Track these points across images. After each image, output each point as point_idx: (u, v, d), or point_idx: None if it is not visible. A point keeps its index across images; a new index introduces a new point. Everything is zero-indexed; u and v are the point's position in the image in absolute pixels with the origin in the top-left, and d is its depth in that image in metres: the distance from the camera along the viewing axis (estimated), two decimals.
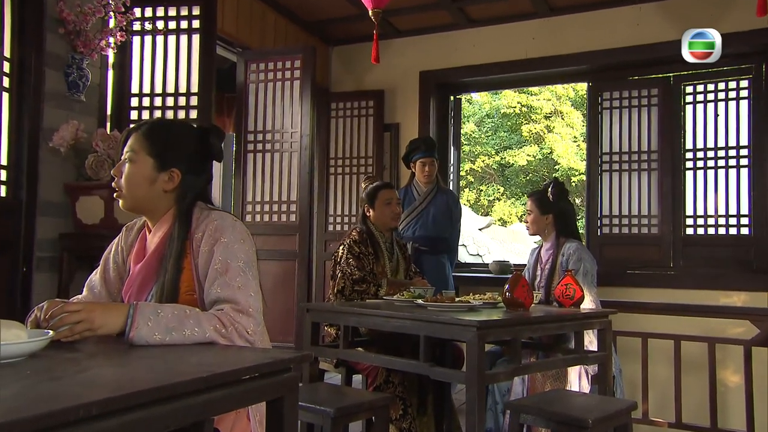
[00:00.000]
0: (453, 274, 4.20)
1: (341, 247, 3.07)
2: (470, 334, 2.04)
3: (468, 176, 15.51)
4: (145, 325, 1.27)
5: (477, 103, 15.47)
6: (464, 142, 14.67)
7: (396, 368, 2.56)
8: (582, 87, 12.98)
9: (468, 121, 14.84)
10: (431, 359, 2.25)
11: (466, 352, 2.07)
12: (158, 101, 3.42)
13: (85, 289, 1.65)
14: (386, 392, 2.67)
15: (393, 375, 2.71)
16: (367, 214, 3.17)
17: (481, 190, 15.70)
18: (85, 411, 0.77)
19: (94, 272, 1.66)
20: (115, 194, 1.58)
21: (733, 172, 4.30)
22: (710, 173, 4.38)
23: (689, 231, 4.42)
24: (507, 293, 2.41)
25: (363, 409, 2.22)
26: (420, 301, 2.52)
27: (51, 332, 1.17)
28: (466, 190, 15.50)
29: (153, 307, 1.31)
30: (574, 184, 13.99)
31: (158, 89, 3.45)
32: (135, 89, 3.44)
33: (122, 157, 1.57)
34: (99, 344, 1.28)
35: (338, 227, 5.28)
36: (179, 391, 0.93)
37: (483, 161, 15.34)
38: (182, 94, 3.42)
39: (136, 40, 3.45)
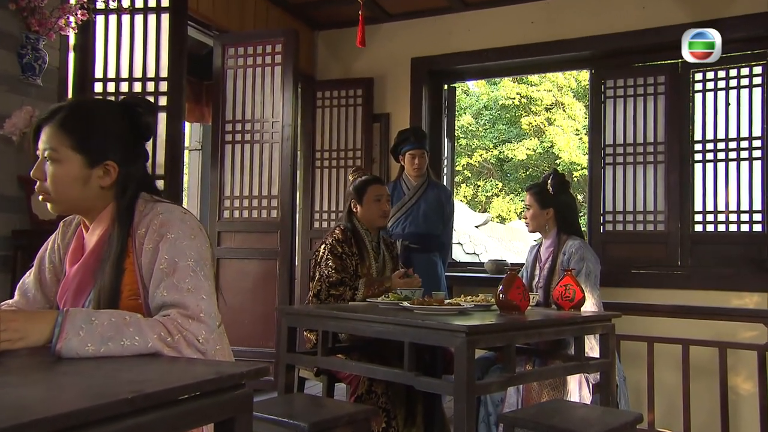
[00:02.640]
0: (446, 273, 4.14)
1: (323, 247, 2.98)
2: (459, 340, 1.93)
3: (465, 171, 15.44)
4: (75, 335, 1.14)
5: (474, 94, 15.38)
6: (461, 135, 14.59)
7: (377, 378, 2.46)
8: (584, 77, 12.89)
9: (465, 113, 14.75)
10: (417, 367, 2.14)
11: (455, 361, 1.95)
12: (124, 87, 3.30)
13: (17, 293, 1.52)
14: (368, 403, 2.58)
15: (376, 384, 2.61)
16: (354, 209, 3.08)
17: (479, 186, 15.64)
18: None
19: (27, 273, 1.53)
20: (41, 198, 1.42)
21: (745, 164, 4.19)
22: (721, 166, 4.28)
23: (698, 228, 4.33)
24: (500, 295, 2.32)
25: (341, 422, 2.11)
26: (406, 303, 2.41)
27: None
28: (463, 185, 15.43)
29: (86, 314, 1.19)
30: (576, 179, 13.93)
31: (124, 74, 3.33)
32: (99, 73, 3.31)
33: (40, 155, 1.39)
34: (26, 357, 1.15)
35: (324, 224, 5.18)
36: (92, 417, 0.80)
37: (480, 155, 15.26)
38: (150, 79, 3.29)
39: (100, 19, 3.31)
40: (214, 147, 4.43)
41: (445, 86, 5.30)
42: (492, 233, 10.65)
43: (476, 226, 10.22)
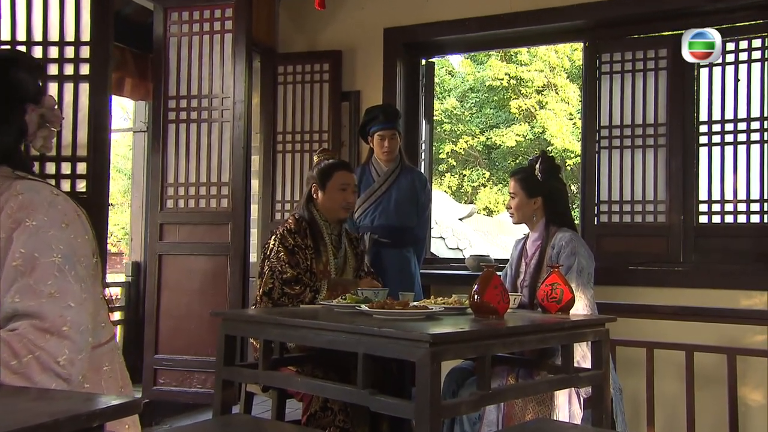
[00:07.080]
0: (422, 271, 3.98)
1: (273, 238, 2.83)
2: (420, 351, 1.71)
3: (449, 159, 15.31)
4: None
5: (459, 74, 15.18)
6: (445, 120, 14.42)
7: (327, 396, 2.25)
8: (578, 57, 12.74)
9: (449, 95, 14.56)
10: (374, 383, 1.92)
11: (416, 376, 1.73)
12: (38, 52, 3.04)
13: None
14: (323, 422, 2.42)
15: (332, 401, 2.44)
16: (314, 195, 2.92)
17: (465, 175, 15.50)
18: None
19: None
20: None
21: (756, 148, 4.04)
22: (728, 150, 4.13)
23: (703, 219, 4.21)
24: (475, 296, 2.14)
25: None
26: (364, 306, 2.20)
27: None
28: (447, 174, 15.30)
29: None
30: (569, 167, 13.84)
31: (37, 37, 3.08)
32: (5, 36, 3.06)
33: None
34: None
35: (287, 215, 4.96)
36: None
37: (466, 142, 15.13)
38: (69, 44, 3.06)
39: None
40: (155, 127, 4.22)
41: (423, 61, 5.11)
42: (477, 226, 10.49)
43: (460, 219, 10.06)
